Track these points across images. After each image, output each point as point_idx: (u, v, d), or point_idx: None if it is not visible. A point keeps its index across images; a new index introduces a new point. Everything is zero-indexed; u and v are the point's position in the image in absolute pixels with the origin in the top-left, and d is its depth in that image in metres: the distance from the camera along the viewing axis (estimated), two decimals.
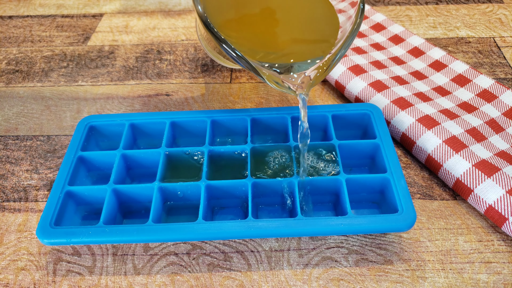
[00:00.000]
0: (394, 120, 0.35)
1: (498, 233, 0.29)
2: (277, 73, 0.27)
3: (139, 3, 0.55)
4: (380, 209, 0.31)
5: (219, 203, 0.31)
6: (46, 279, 0.28)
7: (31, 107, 0.41)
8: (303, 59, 0.28)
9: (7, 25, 0.52)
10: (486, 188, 0.29)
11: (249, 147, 0.31)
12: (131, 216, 0.31)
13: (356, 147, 0.32)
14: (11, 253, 0.30)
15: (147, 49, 0.48)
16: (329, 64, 0.27)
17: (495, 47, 0.45)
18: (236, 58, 0.25)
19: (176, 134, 0.34)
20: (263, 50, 0.28)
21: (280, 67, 0.28)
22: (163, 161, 0.31)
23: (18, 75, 0.45)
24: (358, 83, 0.38)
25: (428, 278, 0.27)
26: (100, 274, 0.28)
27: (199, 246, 0.29)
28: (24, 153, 0.37)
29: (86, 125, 0.33)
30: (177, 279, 0.28)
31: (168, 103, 0.41)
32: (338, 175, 0.29)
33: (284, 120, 0.33)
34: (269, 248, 0.29)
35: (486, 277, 0.27)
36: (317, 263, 0.28)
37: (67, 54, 0.47)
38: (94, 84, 0.43)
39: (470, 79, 0.38)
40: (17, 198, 0.33)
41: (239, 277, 0.28)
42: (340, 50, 0.27)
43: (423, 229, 0.30)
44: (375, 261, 0.28)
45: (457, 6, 0.52)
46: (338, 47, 0.27)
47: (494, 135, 0.34)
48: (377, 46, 0.44)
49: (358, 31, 0.28)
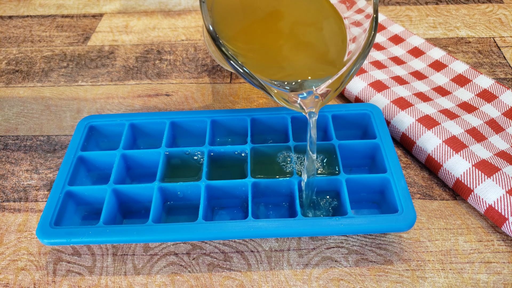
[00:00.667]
0: (394, 120, 0.35)
1: (498, 233, 0.29)
2: (286, 90, 0.26)
3: (139, 3, 0.55)
4: (380, 209, 0.31)
5: (219, 203, 0.31)
6: (46, 279, 0.28)
7: (31, 107, 0.41)
8: (315, 76, 0.27)
9: (7, 25, 0.52)
10: (486, 188, 0.29)
11: (249, 147, 0.31)
12: (131, 216, 0.31)
13: (356, 147, 0.32)
14: (11, 253, 0.30)
15: (147, 49, 0.48)
16: (341, 80, 0.26)
17: (495, 47, 0.45)
18: (244, 74, 0.24)
19: (176, 134, 0.34)
20: (273, 66, 0.27)
21: (290, 84, 0.26)
22: (163, 161, 0.31)
23: (18, 75, 0.45)
24: (358, 83, 0.38)
25: (428, 278, 0.27)
26: (100, 274, 0.28)
27: (199, 246, 0.30)
28: (24, 153, 0.37)
29: (86, 125, 0.33)
30: (177, 279, 0.28)
31: (168, 103, 0.41)
32: (338, 175, 0.29)
33: (284, 120, 0.33)
34: (269, 248, 0.29)
35: (486, 277, 0.27)
36: (317, 263, 0.28)
37: (67, 54, 0.47)
38: (94, 84, 0.43)
39: (470, 79, 0.38)
40: (17, 198, 0.33)
41: (239, 277, 0.28)
42: (354, 65, 0.25)
43: (423, 229, 0.30)
44: (375, 261, 0.28)
45: (457, 6, 0.52)
46: (352, 62, 0.25)
47: (494, 135, 0.34)
48: (377, 46, 0.44)
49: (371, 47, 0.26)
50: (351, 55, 0.27)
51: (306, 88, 0.26)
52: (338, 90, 0.26)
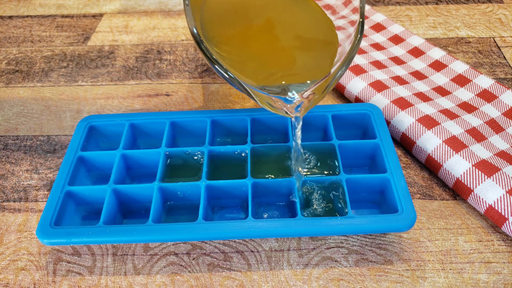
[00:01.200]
0: (394, 120, 0.35)
1: (498, 233, 0.29)
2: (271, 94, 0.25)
3: (139, 3, 0.55)
4: (380, 209, 0.31)
5: (219, 203, 0.31)
6: (46, 279, 0.28)
7: (31, 107, 0.41)
8: (301, 80, 0.26)
9: (7, 25, 0.52)
10: (486, 188, 0.29)
11: (249, 147, 0.31)
12: (131, 216, 0.31)
13: (356, 147, 0.32)
14: (11, 253, 0.30)
15: (147, 49, 0.48)
16: (327, 85, 0.25)
17: (495, 47, 0.45)
18: (229, 79, 0.24)
19: (176, 134, 0.34)
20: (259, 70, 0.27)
21: (275, 88, 0.26)
22: (163, 161, 0.31)
23: (18, 75, 0.45)
24: (358, 83, 0.38)
25: (428, 278, 0.27)
26: (100, 274, 0.28)
27: (199, 246, 0.29)
28: (24, 153, 0.37)
29: (86, 125, 0.33)
30: (177, 279, 0.28)
31: (168, 103, 0.41)
32: (338, 175, 0.29)
33: (284, 120, 0.33)
34: (269, 248, 0.29)
35: (486, 277, 0.27)
36: (317, 263, 0.28)
37: (67, 54, 0.47)
38: (94, 84, 0.43)
39: (470, 79, 0.38)
40: (17, 198, 0.33)
41: (239, 277, 0.28)
42: (339, 70, 0.25)
43: (423, 229, 0.30)
44: (375, 261, 0.28)
45: (457, 6, 0.52)
46: (337, 67, 0.25)
47: (494, 135, 0.34)
48: (377, 46, 0.44)
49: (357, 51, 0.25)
50: (337, 60, 0.26)
51: (291, 92, 0.26)
52: (323, 95, 0.26)
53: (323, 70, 0.26)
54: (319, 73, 0.26)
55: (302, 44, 0.28)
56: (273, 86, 0.26)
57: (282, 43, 0.28)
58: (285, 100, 0.26)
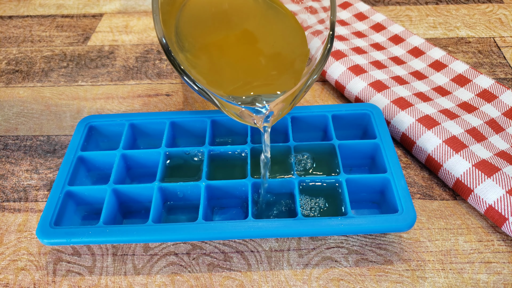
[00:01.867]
0: (394, 120, 0.35)
1: (498, 233, 0.29)
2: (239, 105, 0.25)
3: (139, 3, 0.55)
4: (380, 209, 0.31)
5: (219, 203, 0.31)
6: (46, 279, 0.28)
7: (31, 107, 0.41)
8: (271, 91, 0.26)
9: (7, 25, 0.52)
10: (486, 188, 0.29)
11: (249, 147, 0.31)
12: (131, 216, 0.31)
13: (356, 147, 0.32)
14: (11, 253, 0.30)
15: (147, 49, 0.48)
16: (295, 95, 0.25)
17: (495, 47, 0.45)
18: (197, 91, 0.24)
19: (176, 134, 0.34)
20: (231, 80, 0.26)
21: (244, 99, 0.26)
22: (163, 161, 0.31)
23: (18, 75, 0.45)
24: (358, 83, 0.38)
25: (428, 278, 0.27)
26: (100, 274, 0.28)
27: (199, 246, 0.29)
28: (24, 153, 0.37)
29: (86, 125, 0.33)
30: (177, 279, 0.28)
31: (168, 103, 0.41)
32: (338, 175, 0.29)
33: (284, 120, 0.33)
34: (269, 248, 0.29)
35: (486, 277, 0.27)
36: (317, 263, 0.28)
37: (67, 54, 0.47)
38: (94, 84, 0.43)
39: (470, 79, 0.38)
40: (17, 198, 0.33)
41: (239, 277, 0.28)
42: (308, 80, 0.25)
43: (423, 229, 0.30)
44: (375, 261, 0.28)
45: (457, 6, 0.52)
46: (306, 78, 0.25)
47: (494, 135, 0.34)
48: (377, 46, 0.44)
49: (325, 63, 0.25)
50: (305, 72, 0.26)
51: (259, 102, 0.25)
52: (292, 105, 0.26)
53: (293, 81, 0.26)
54: (289, 84, 0.26)
55: (273, 55, 0.28)
56: (243, 96, 0.26)
57: (255, 53, 0.28)
58: (254, 111, 0.25)
